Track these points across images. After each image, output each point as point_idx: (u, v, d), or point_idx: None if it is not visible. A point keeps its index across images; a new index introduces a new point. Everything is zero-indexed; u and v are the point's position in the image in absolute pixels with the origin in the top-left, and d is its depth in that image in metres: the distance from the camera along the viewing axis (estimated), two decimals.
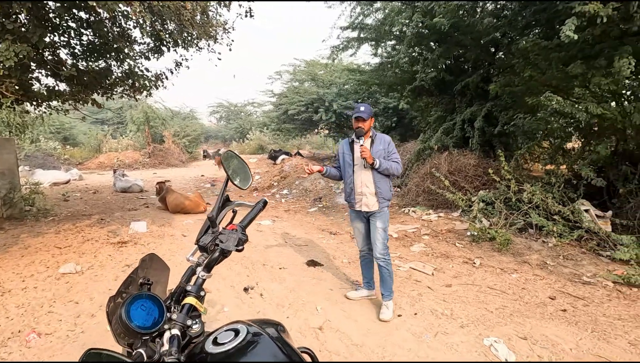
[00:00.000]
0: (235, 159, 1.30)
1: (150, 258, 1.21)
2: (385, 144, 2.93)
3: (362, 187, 2.94)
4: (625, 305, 3.12)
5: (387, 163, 2.87)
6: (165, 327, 0.93)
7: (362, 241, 3.16)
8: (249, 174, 1.36)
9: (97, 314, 2.98)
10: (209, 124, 38.05)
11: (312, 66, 17.41)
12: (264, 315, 3.00)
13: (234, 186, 1.27)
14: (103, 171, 14.96)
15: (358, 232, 3.15)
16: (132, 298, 0.88)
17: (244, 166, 1.34)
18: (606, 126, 4.62)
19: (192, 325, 1.02)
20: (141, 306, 0.89)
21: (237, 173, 1.30)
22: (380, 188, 2.91)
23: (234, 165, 1.29)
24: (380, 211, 2.94)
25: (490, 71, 7.19)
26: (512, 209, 5.14)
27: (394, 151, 2.95)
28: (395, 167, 2.90)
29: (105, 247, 4.72)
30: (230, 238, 1.14)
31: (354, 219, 3.12)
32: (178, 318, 0.98)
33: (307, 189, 9.12)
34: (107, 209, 7.23)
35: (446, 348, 2.54)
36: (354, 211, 3.08)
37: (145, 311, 0.89)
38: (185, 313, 1.01)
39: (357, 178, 2.97)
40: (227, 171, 1.23)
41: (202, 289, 1.11)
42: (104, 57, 4.99)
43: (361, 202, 2.97)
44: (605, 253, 4.12)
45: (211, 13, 5.03)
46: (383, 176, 2.92)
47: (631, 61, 3.57)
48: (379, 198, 2.92)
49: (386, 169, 2.87)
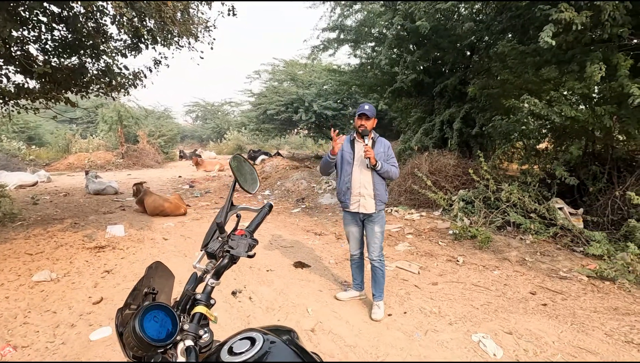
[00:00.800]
0: (243, 162, 1.27)
1: (156, 266, 1.17)
2: (385, 147, 2.94)
3: (360, 188, 2.91)
4: (599, 297, 3.30)
5: (387, 166, 2.88)
6: (178, 337, 0.90)
7: (355, 245, 3.12)
8: (257, 177, 1.33)
9: (78, 324, 2.84)
10: (184, 124, 37.13)
11: (292, 65, 17.35)
12: (254, 318, 2.96)
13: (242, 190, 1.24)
14: (73, 172, 14.28)
15: (352, 236, 3.09)
16: (144, 310, 0.84)
17: (252, 169, 1.31)
18: (577, 128, 4.86)
19: (203, 334, 0.99)
20: (154, 317, 0.86)
21: (245, 177, 1.27)
22: (379, 190, 2.91)
23: (242, 169, 1.26)
24: (378, 214, 2.94)
25: (467, 73, 7.42)
26: (491, 208, 5.33)
27: (392, 156, 2.96)
28: (394, 171, 2.92)
29: (81, 252, 4.51)
30: (241, 243, 1.12)
31: (349, 224, 3.05)
32: (190, 329, 0.95)
33: (289, 190, 9.08)
34: (80, 212, 6.90)
35: (437, 346, 2.59)
36: (349, 213, 3.01)
37: (158, 323, 0.86)
38: (196, 322, 0.98)
39: (356, 177, 2.92)
40: (236, 174, 1.20)
41: (211, 297, 1.08)
42: (77, 53, 4.75)
43: (358, 203, 2.93)
44: (578, 248, 4.34)
45: (192, 11, 4.91)
46: (381, 179, 2.93)
47: (602, 66, 3.77)
48: (377, 200, 2.90)
49: (386, 171, 2.87)
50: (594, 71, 3.70)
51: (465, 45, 7.31)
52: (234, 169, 1.20)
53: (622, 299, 3.25)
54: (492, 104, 6.63)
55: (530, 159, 6.05)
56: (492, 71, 6.22)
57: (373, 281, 3.05)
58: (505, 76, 5.37)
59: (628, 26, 3.76)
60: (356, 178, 2.92)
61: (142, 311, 0.84)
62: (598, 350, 2.51)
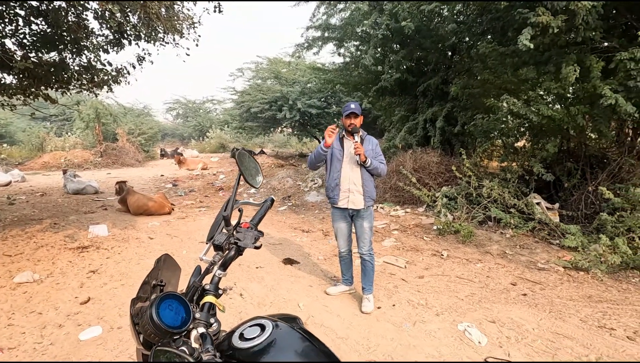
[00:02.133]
0: (247, 157, 1.31)
1: (164, 259, 1.19)
2: (373, 145, 3.02)
3: (350, 184, 2.97)
4: (574, 287, 3.49)
5: (376, 163, 2.96)
6: (190, 326, 0.94)
7: (344, 242, 3.18)
8: (260, 173, 1.37)
9: (66, 324, 2.79)
10: (164, 122, 36.34)
11: (275, 63, 17.26)
12: (246, 314, 2.98)
13: (247, 183, 1.27)
14: (49, 171, 13.78)
15: (341, 233, 3.15)
16: (160, 299, 0.88)
17: (256, 164, 1.35)
18: (553, 126, 5.09)
19: (212, 323, 1.03)
20: (169, 306, 0.89)
21: (250, 171, 1.31)
22: (367, 187, 2.98)
23: (246, 163, 1.29)
24: (367, 210, 3.01)
25: (449, 73, 7.62)
26: (473, 204, 5.52)
27: (380, 153, 3.04)
28: (382, 168, 3.00)
29: (63, 253, 4.39)
30: (247, 235, 1.16)
31: (338, 220, 3.11)
32: (202, 317, 0.99)
33: (274, 188, 9.08)
34: (59, 212, 6.70)
35: (425, 336, 2.69)
36: (338, 209, 3.07)
37: (173, 311, 0.89)
38: (207, 311, 1.02)
39: (345, 174, 2.98)
40: (241, 168, 1.23)
41: (219, 287, 1.11)
42: (57, 48, 4.61)
43: (347, 199, 2.99)
44: (555, 241, 4.56)
45: (177, 7, 4.85)
46: (370, 176, 3.01)
47: (576, 68, 3.98)
48: (366, 196, 2.98)
49: (375, 168, 2.95)
50: (569, 72, 3.90)
51: (447, 45, 7.50)
52: (240, 164, 1.23)
53: (595, 287, 3.45)
54: (473, 103, 6.84)
55: (509, 157, 6.29)
56: (473, 71, 6.43)
57: (363, 274, 3.12)
58: (485, 76, 5.56)
59: (599, 30, 3.98)
60: (345, 174, 2.99)
61: (158, 300, 0.87)
62: (574, 335, 2.67)
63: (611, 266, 3.65)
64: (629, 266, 3.69)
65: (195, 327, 0.95)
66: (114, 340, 2.59)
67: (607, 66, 4.08)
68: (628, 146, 4.84)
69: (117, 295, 3.33)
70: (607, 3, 4.00)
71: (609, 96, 3.68)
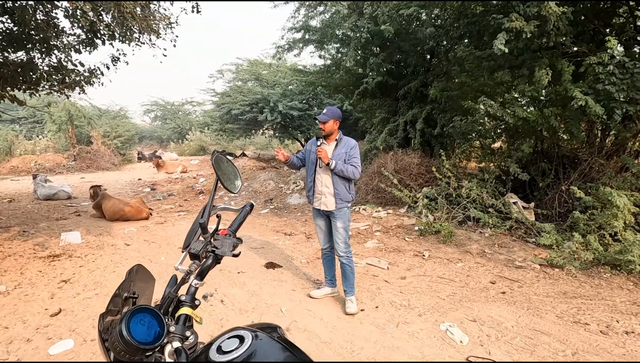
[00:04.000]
0: (225, 162, 1.27)
1: (137, 270, 1.13)
2: (348, 148, 3.03)
3: (322, 187, 3.06)
4: (550, 283, 3.59)
5: (343, 166, 2.95)
6: (165, 340, 0.89)
7: (323, 238, 3.26)
8: (239, 178, 1.32)
9: (35, 338, 2.64)
10: (142, 124, 35.39)
11: (256, 65, 17.12)
12: (227, 321, 2.92)
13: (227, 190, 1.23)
14: (18, 176, 13.15)
15: (320, 229, 3.24)
16: (130, 313, 0.83)
17: (234, 169, 1.31)
18: (528, 128, 5.25)
19: (189, 336, 0.99)
20: (140, 320, 0.84)
21: (228, 176, 1.26)
22: (338, 189, 3.02)
23: (224, 168, 1.25)
24: (339, 211, 3.04)
25: (428, 76, 7.75)
26: (453, 204, 5.61)
27: (354, 156, 3.03)
28: (350, 170, 2.97)
29: (32, 262, 4.18)
30: (225, 243, 1.12)
31: (316, 217, 3.23)
32: (177, 330, 0.94)
33: (256, 191, 8.98)
34: (28, 219, 6.39)
35: (408, 337, 2.70)
36: (315, 209, 3.18)
37: (145, 326, 0.84)
38: (182, 324, 0.97)
39: (318, 177, 3.09)
40: (218, 173, 1.19)
41: (196, 298, 1.07)
42: (25, 48, 4.39)
43: (320, 201, 3.09)
44: (531, 239, 4.69)
45: (154, 6, 4.72)
46: (341, 178, 3.02)
47: (548, 71, 4.11)
48: (337, 198, 3.03)
49: (341, 171, 2.95)
50: (542, 76, 4.03)
51: (426, 49, 7.63)
52: (216, 168, 1.19)
53: (570, 284, 3.57)
54: (452, 105, 6.97)
55: (487, 158, 6.44)
56: (451, 74, 6.56)
57: (343, 278, 3.14)
58: (463, 79, 5.68)
59: (570, 35, 4.14)
60: (319, 177, 3.09)
61: (128, 314, 0.82)
62: (551, 331, 2.75)
63: (584, 263, 3.79)
64: (601, 263, 3.84)
65: (169, 342, 0.90)
66: (87, 354, 2.47)
67: (578, 70, 4.24)
68: (598, 146, 5.04)
69: (91, 306, 3.19)
70: (577, 10, 4.17)
71: (580, 98, 3.82)
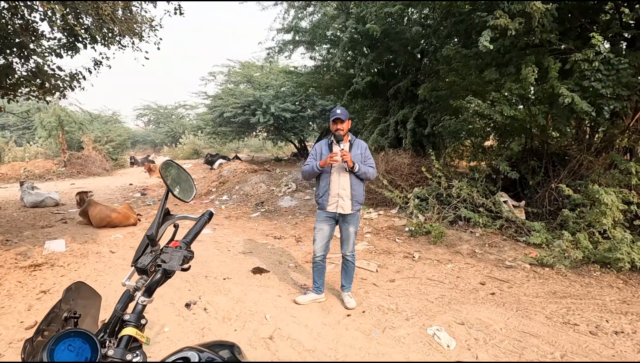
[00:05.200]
0: (175, 168, 1.19)
1: (76, 287, 1.05)
2: (362, 149, 3.05)
3: (339, 189, 3.01)
4: (540, 283, 3.55)
5: (365, 167, 2.99)
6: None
7: (322, 245, 3.14)
8: (192, 184, 1.25)
9: (7, 353, 2.54)
10: (135, 128, 35.18)
11: (248, 67, 17.05)
12: (209, 330, 2.83)
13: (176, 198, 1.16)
14: (6, 184, 12.94)
15: (322, 235, 3.12)
16: (55, 339, 0.75)
17: (187, 175, 1.23)
18: (517, 126, 5.22)
19: (132, 358, 0.91)
20: (68, 346, 0.76)
21: (179, 184, 1.19)
22: (356, 192, 3.01)
23: (173, 175, 1.18)
24: (354, 215, 3.05)
25: (418, 76, 7.72)
26: (444, 204, 5.57)
27: (369, 156, 3.07)
28: (371, 172, 3.03)
29: (13, 273, 4.07)
30: (174, 256, 1.04)
31: (322, 221, 3.10)
32: (115, 354, 0.86)
33: (248, 194, 8.89)
34: (12, 228, 6.25)
35: (394, 343, 2.63)
36: (324, 212, 3.08)
37: (73, 352, 0.77)
38: (123, 346, 0.89)
39: (334, 180, 3.02)
40: (167, 182, 1.12)
41: (143, 316, 0.99)
42: (2, 52, 4.29)
43: (336, 204, 3.02)
44: (521, 238, 4.65)
45: (135, 9, 4.64)
46: (359, 180, 3.02)
47: (535, 69, 4.08)
48: (354, 201, 3.02)
49: (364, 173, 2.98)
50: (528, 73, 4.00)
51: (415, 48, 7.60)
52: (165, 177, 1.12)
53: (560, 283, 3.53)
54: (442, 105, 6.95)
55: (478, 156, 6.42)
56: (440, 73, 6.52)
57: (344, 273, 3.22)
58: (452, 78, 5.65)
59: (555, 32, 4.11)
60: (334, 180, 3.02)
61: (52, 340, 0.74)
62: (540, 333, 2.69)
63: (574, 262, 3.75)
64: (590, 261, 3.80)
65: None
66: None
67: (564, 67, 4.21)
68: (586, 143, 5.02)
69: None
70: (561, 7, 4.14)
71: (566, 95, 3.79)
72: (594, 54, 3.71)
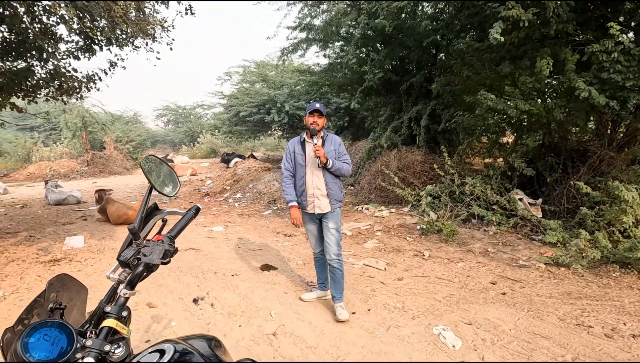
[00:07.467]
0: (158, 163, 1.21)
1: (59, 279, 1.08)
2: (336, 145, 2.94)
3: (314, 189, 2.91)
4: (555, 283, 3.42)
5: (339, 163, 2.88)
6: (78, 355, 0.83)
7: (315, 243, 3.12)
8: (176, 180, 1.26)
9: None
10: (155, 128, 36.08)
11: (263, 67, 17.17)
12: (214, 326, 2.87)
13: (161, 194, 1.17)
14: (33, 182, 13.54)
15: (311, 235, 3.10)
16: (31, 328, 0.77)
17: (170, 171, 1.25)
18: (533, 121, 5.05)
19: (114, 350, 0.92)
20: (44, 336, 0.78)
21: (162, 179, 1.20)
22: (332, 189, 2.91)
23: (156, 171, 1.19)
24: (333, 212, 2.93)
25: (432, 71, 7.56)
26: (457, 202, 5.45)
27: (344, 152, 2.96)
28: (346, 168, 2.91)
29: (33, 267, 4.25)
30: (155, 250, 1.05)
31: (307, 222, 3.05)
32: (93, 345, 0.87)
33: (261, 192, 8.96)
34: (37, 224, 6.53)
35: (398, 341, 2.60)
36: (306, 213, 3.00)
37: (49, 342, 0.78)
38: (103, 337, 0.90)
39: (309, 179, 2.93)
40: (149, 178, 1.13)
41: (126, 308, 1.00)
42: (22, 56, 4.47)
43: (313, 204, 2.92)
44: (537, 237, 4.50)
45: (148, 10, 4.74)
46: (334, 177, 2.93)
47: (550, 61, 3.92)
48: (331, 199, 2.91)
49: (338, 169, 2.88)
50: (543, 66, 3.85)
51: (429, 43, 7.45)
52: (146, 172, 1.13)
53: (576, 284, 3.39)
54: (456, 100, 6.79)
55: (493, 153, 6.24)
56: (454, 68, 6.37)
57: (332, 282, 3.00)
58: (465, 73, 5.50)
59: (572, 23, 3.93)
60: (309, 179, 2.93)
61: (27, 330, 0.76)
62: (551, 335, 2.60)
63: (592, 261, 3.59)
64: (610, 261, 3.64)
65: (83, 357, 0.84)
66: None
67: (581, 59, 4.03)
68: (608, 138, 4.79)
69: None
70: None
71: (583, 89, 3.63)
72: (613, 44, 3.53)
